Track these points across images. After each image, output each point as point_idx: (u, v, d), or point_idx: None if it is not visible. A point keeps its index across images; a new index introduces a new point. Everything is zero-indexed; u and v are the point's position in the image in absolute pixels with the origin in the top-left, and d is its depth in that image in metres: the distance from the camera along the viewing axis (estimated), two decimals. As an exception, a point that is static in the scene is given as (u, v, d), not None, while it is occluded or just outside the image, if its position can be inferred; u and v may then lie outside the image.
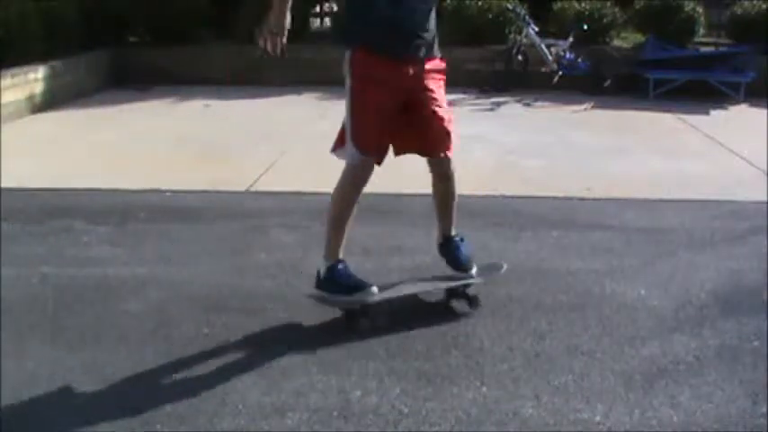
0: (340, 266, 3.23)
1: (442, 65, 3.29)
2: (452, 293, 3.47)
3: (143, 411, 2.61)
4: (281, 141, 6.68)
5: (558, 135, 7.22)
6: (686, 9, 10.05)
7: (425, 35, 3.14)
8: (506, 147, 6.62)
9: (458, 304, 3.44)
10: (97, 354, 3.00)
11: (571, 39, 9.71)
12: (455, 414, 2.60)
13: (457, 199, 3.49)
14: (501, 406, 2.65)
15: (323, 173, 5.82)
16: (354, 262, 3.93)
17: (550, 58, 9.73)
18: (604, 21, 10.10)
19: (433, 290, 3.49)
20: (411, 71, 3.14)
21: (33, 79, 8.06)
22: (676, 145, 6.81)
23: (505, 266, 3.58)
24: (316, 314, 3.33)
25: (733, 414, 2.62)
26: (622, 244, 4.24)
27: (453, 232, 3.48)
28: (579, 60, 9.63)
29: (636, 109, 8.54)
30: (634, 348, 3.06)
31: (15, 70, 7.72)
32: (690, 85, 9.16)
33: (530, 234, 4.38)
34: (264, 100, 8.97)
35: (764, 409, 2.64)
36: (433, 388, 2.76)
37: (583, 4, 10.25)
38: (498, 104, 8.83)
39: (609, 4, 10.28)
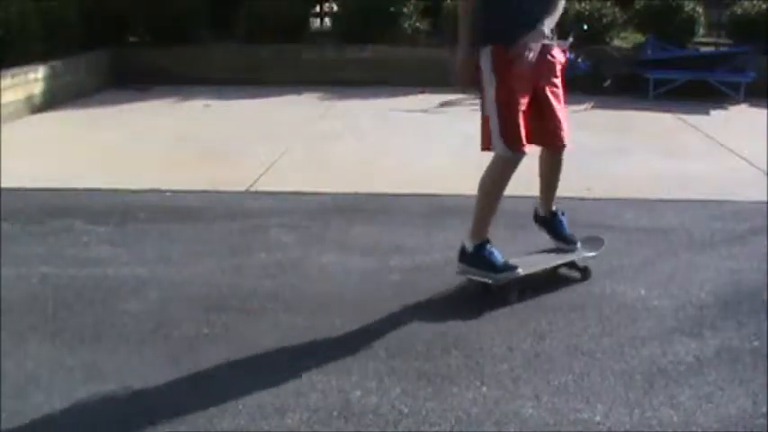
0: (488, 246, 3.48)
1: (561, 53, 3.51)
2: (566, 265, 3.78)
3: (143, 411, 2.61)
4: (281, 141, 6.68)
5: (558, 135, 7.20)
6: (686, 9, 10.05)
7: (551, 27, 3.32)
8: (506, 147, 6.61)
9: (569, 272, 3.76)
10: (97, 354, 3.00)
11: (571, 39, 9.71)
12: (455, 414, 2.60)
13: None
14: (501, 406, 2.65)
15: (323, 173, 5.88)
16: (354, 261, 3.96)
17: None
18: (604, 21, 10.10)
19: (563, 263, 3.76)
20: (542, 63, 3.31)
21: (33, 79, 8.06)
22: (676, 145, 6.81)
23: (605, 243, 3.87)
24: (316, 314, 3.34)
25: (733, 414, 2.62)
26: (622, 244, 4.24)
27: (554, 207, 3.76)
28: (579, 60, 9.62)
29: (636, 109, 8.54)
30: (634, 348, 3.06)
31: (15, 70, 7.71)
32: (690, 85, 9.16)
33: (530, 234, 4.37)
34: (264, 100, 8.96)
35: (764, 409, 2.64)
36: (432, 388, 2.76)
37: (583, 4, 10.24)
38: (498, 104, 8.81)
39: (609, 4, 10.27)
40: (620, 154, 6.36)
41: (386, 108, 8.50)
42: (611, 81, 9.41)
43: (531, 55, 3.19)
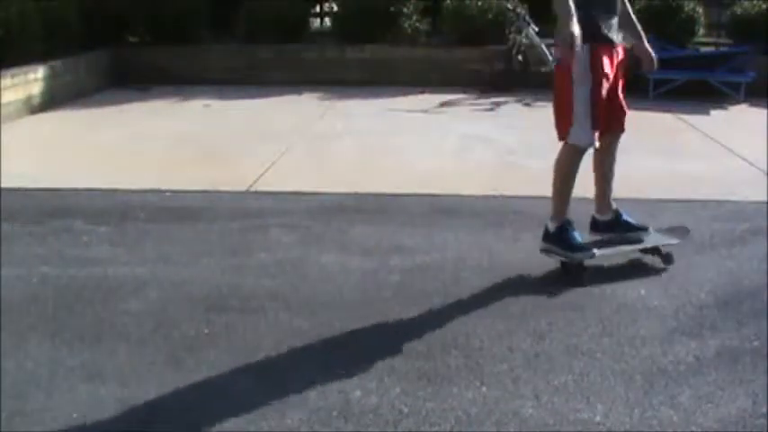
0: (567, 227, 3.75)
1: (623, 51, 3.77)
2: (646, 251, 3.95)
3: (143, 411, 2.61)
4: (282, 141, 6.68)
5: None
6: (686, 9, 10.05)
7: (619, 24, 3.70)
8: (506, 147, 6.62)
9: (651, 259, 3.91)
10: (97, 354, 3.00)
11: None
12: (455, 414, 2.60)
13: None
14: (501, 406, 2.65)
15: (323, 173, 5.88)
16: (354, 261, 3.96)
17: (550, 58, 9.72)
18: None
19: (640, 249, 3.93)
20: (617, 58, 3.68)
21: (33, 79, 8.06)
22: (676, 145, 6.81)
23: (690, 232, 4.07)
24: (316, 314, 3.34)
25: (733, 414, 2.62)
26: (622, 244, 4.23)
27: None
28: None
29: (636, 109, 8.44)
30: (634, 348, 3.06)
31: (15, 70, 7.72)
32: (690, 85, 9.16)
33: (530, 234, 4.37)
34: (264, 100, 8.97)
35: (764, 410, 2.64)
36: (432, 388, 2.76)
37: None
38: (498, 104, 8.83)
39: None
40: (620, 154, 6.33)
41: (386, 108, 8.50)
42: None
43: (567, 53, 3.45)
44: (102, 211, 4.77)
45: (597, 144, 3.64)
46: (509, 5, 10.00)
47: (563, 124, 3.65)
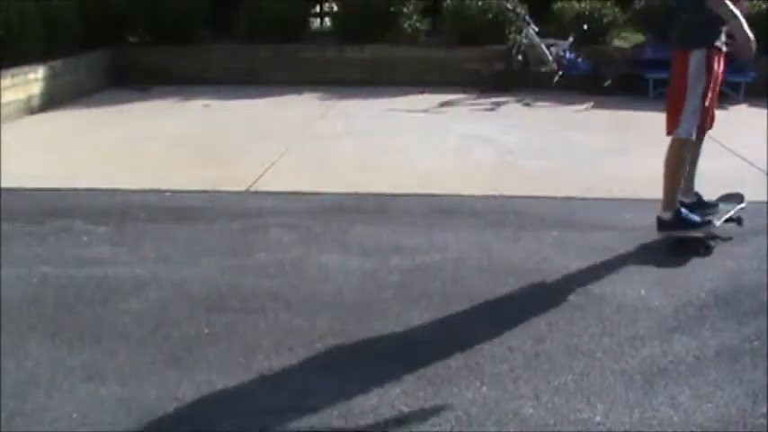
0: (683, 211, 4.15)
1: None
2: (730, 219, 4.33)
3: (143, 411, 2.61)
4: (281, 141, 6.68)
5: (558, 135, 7.21)
6: (686, 9, 10.04)
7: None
8: (506, 147, 6.62)
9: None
10: (97, 354, 3.00)
11: (571, 39, 9.71)
12: (455, 414, 2.60)
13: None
14: (501, 406, 2.65)
15: (323, 173, 5.88)
16: (354, 261, 3.96)
17: (550, 57, 9.72)
18: (604, 21, 10.10)
19: (730, 216, 4.32)
20: (723, 64, 4.07)
21: (33, 79, 8.06)
22: (676, 145, 6.80)
23: (745, 201, 4.46)
24: (315, 314, 3.34)
25: (733, 414, 2.62)
26: (622, 244, 4.24)
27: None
28: (579, 60, 9.62)
29: (636, 109, 8.53)
30: (634, 348, 3.06)
31: (15, 70, 7.72)
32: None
33: (530, 234, 4.38)
34: (264, 100, 8.97)
35: (764, 409, 2.64)
36: (433, 388, 2.76)
37: (583, 4, 10.24)
38: (498, 104, 8.83)
39: (609, 4, 10.27)
40: (620, 154, 6.36)
41: (386, 108, 8.50)
42: (611, 81, 9.41)
43: (753, 47, 3.91)
44: (102, 211, 4.77)
45: (694, 137, 4.06)
46: (509, 5, 10.01)
47: (674, 120, 4.03)
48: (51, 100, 8.29)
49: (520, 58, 9.71)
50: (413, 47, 10.23)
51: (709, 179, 5.61)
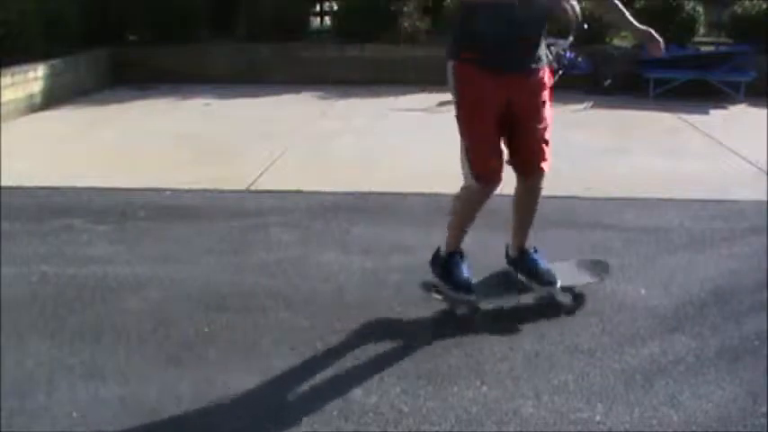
0: (453, 259, 3.38)
1: (545, 76, 3.30)
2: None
3: (143, 411, 2.61)
4: (281, 140, 6.68)
5: (558, 135, 7.17)
6: (686, 9, 10.05)
7: (532, 47, 3.19)
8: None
9: (563, 298, 3.45)
10: (97, 353, 3.00)
11: (571, 38, 9.70)
12: (455, 414, 2.60)
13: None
14: (501, 405, 2.65)
15: (323, 172, 5.88)
16: (354, 260, 3.96)
17: (550, 57, 9.71)
18: (604, 21, 10.09)
19: (532, 302, 3.42)
20: (513, 85, 3.12)
21: (33, 78, 8.06)
22: (676, 145, 6.81)
23: (609, 267, 3.58)
24: (316, 313, 3.34)
25: (733, 414, 2.62)
26: (622, 244, 4.24)
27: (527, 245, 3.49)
28: (579, 60, 9.61)
29: (636, 109, 8.53)
30: (634, 348, 3.06)
31: (15, 69, 7.71)
32: (690, 84, 9.15)
33: (530, 234, 4.37)
34: (264, 99, 8.96)
35: (764, 409, 2.64)
36: (433, 388, 2.76)
37: (583, 4, 10.23)
38: (498, 104, 8.81)
39: (609, 3, 10.26)
40: (620, 154, 6.36)
41: (386, 107, 8.50)
42: (611, 81, 9.41)
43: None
44: (102, 209, 4.77)
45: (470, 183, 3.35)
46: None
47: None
48: (51, 98, 8.28)
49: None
50: (413, 46, 10.22)
51: (710, 179, 5.63)
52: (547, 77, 3.28)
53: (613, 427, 2.54)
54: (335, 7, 11.64)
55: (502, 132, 3.20)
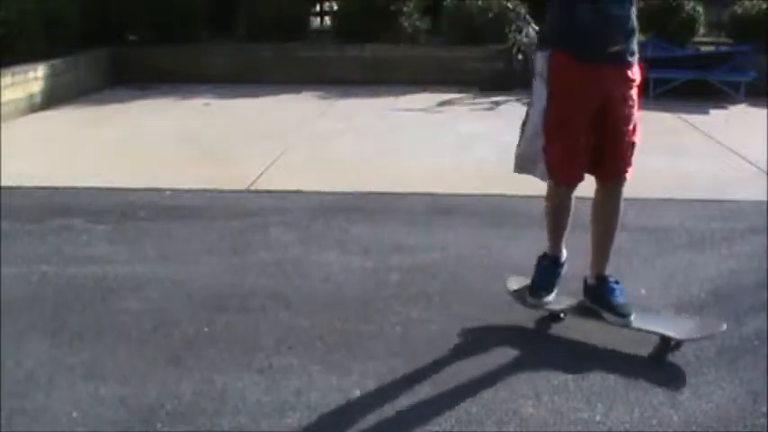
0: (545, 262, 3.24)
1: (638, 72, 3.09)
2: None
3: (143, 411, 2.61)
4: (281, 140, 6.68)
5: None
6: (686, 8, 10.05)
7: (627, 38, 3.02)
8: (506, 146, 6.57)
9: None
10: (97, 352, 3.00)
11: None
12: (455, 414, 2.60)
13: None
14: (501, 405, 2.65)
15: (323, 172, 5.88)
16: (354, 260, 3.96)
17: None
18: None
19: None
20: (610, 78, 2.98)
21: (33, 78, 8.06)
22: (676, 145, 6.80)
23: (724, 327, 3.07)
24: (315, 313, 3.34)
25: (733, 414, 2.62)
26: (622, 243, 4.22)
27: (607, 271, 3.17)
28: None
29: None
30: (634, 348, 3.06)
31: (15, 69, 7.71)
32: (690, 84, 9.15)
33: (530, 234, 4.37)
34: (264, 99, 8.96)
35: (764, 409, 2.64)
36: (433, 387, 2.76)
37: (583, 4, 10.25)
38: (498, 103, 8.82)
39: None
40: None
41: (385, 107, 8.50)
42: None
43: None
44: (101, 209, 4.76)
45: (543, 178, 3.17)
46: (509, 4, 10.00)
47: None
48: (51, 98, 8.28)
49: (520, 57, 9.70)
50: (413, 46, 10.23)
51: (710, 179, 5.63)
52: (638, 73, 3.09)
53: (613, 428, 2.54)
54: (335, 7, 11.64)
55: (591, 131, 3.00)
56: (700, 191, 5.29)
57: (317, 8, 12.62)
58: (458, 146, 6.63)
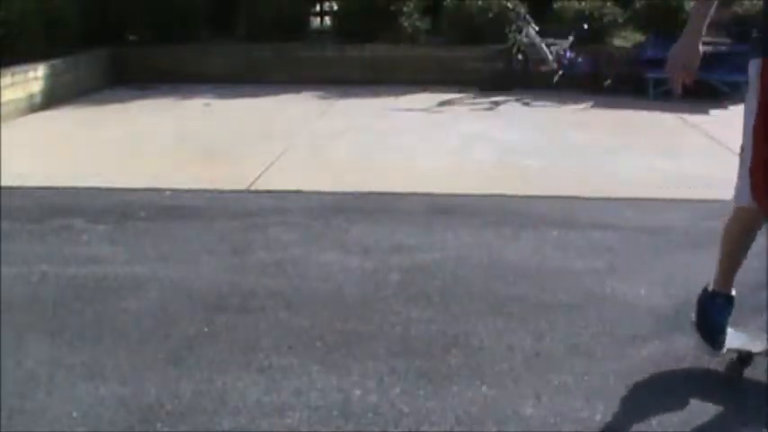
0: (718, 299, 2.92)
1: None
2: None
3: (143, 410, 2.61)
4: (281, 140, 6.68)
5: (558, 135, 7.21)
6: (686, 9, 10.04)
7: None
8: (506, 146, 6.62)
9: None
10: (97, 352, 3.00)
11: (571, 38, 9.72)
12: (455, 414, 2.60)
13: None
14: (501, 405, 2.65)
15: (323, 172, 5.88)
16: (354, 260, 3.96)
17: (551, 57, 9.73)
18: (604, 20, 10.11)
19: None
20: None
21: (33, 78, 8.06)
22: (676, 145, 6.81)
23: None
24: (315, 313, 3.33)
25: (733, 413, 2.62)
26: (622, 244, 4.24)
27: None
28: (579, 60, 9.63)
29: (636, 109, 8.53)
30: (634, 348, 3.06)
31: (15, 69, 7.72)
32: (690, 84, 9.13)
33: (530, 234, 4.38)
34: (264, 99, 8.97)
35: (764, 409, 2.64)
36: (432, 387, 2.76)
37: (583, 4, 10.25)
38: (498, 103, 8.83)
39: (609, 3, 10.28)
40: (620, 154, 6.36)
41: (386, 107, 8.50)
42: (612, 80, 9.41)
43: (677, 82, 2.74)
44: (101, 209, 4.76)
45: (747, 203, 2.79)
46: (509, 4, 10.01)
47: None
48: (51, 98, 8.29)
49: (520, 57, 9.71)
50: (413, 46, 10.23)
51: (710, 179, 5.62)
52: None
53: (613, 427, 2.54)
54: (335, 7, 11.65)
55: None
56: (700, 191, 5.29)
57: (317, 8, 12.64)
58: (458, 146, 6.63)
